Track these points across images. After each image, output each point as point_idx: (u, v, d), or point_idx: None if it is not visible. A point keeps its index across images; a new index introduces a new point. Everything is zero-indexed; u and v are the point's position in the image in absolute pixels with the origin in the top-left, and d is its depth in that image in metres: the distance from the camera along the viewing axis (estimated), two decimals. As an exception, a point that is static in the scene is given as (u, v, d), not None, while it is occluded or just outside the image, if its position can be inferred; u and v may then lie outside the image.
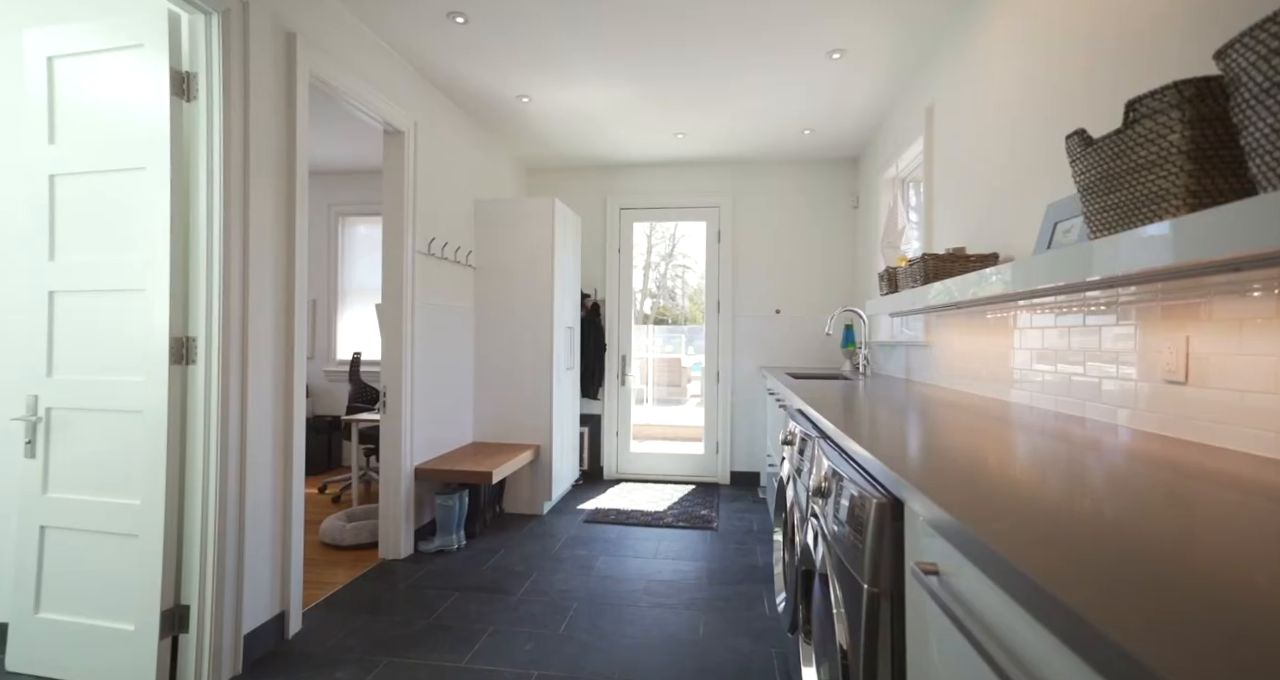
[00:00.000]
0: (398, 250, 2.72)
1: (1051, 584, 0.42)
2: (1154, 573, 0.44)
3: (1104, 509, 0.62)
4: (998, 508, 0.62)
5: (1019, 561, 0.47)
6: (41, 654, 1.80)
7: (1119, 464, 0.86)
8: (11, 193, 1.94)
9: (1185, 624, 0.36)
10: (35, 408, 1.82)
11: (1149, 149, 0.83)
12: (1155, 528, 0.56)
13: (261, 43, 1.86)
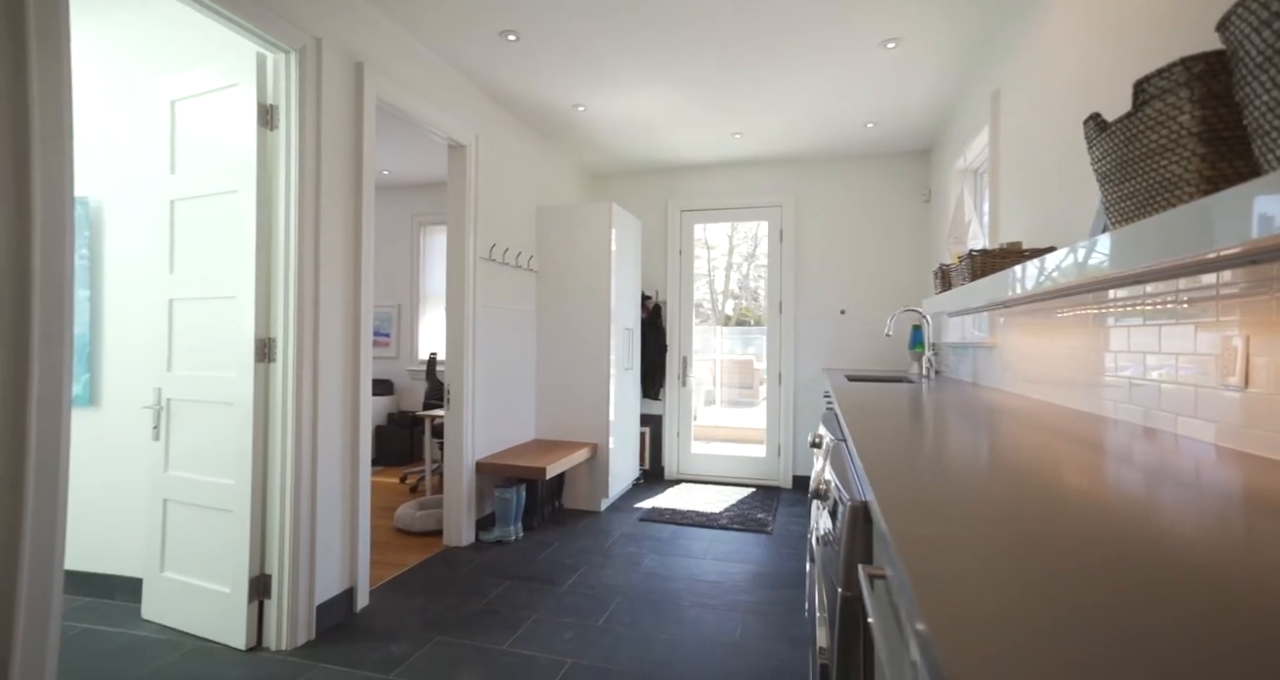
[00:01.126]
0: (460, 257, 2.90)
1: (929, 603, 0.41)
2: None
3: (1114, 534, 0.58)
4: (947, 515, 0.60)
5: (910, 570, 0.46)
6: (165, 607, 2.11)
7: (1179, 477, 0.79)
8: (144, 217, 2.28)
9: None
10: (159, 398, 2.14)
11: (1160, 132, 0.76)
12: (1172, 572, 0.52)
13: (333, 74, 2.07)
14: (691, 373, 4.37)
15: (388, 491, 3.97)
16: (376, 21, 2.29)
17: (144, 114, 2.26)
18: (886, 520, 0.58)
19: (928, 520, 0.58)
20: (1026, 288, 1.02)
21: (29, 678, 1.30)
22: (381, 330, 5.21)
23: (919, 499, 0.66)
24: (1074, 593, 0.41)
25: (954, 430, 1.17)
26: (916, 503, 0.64)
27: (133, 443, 2.28)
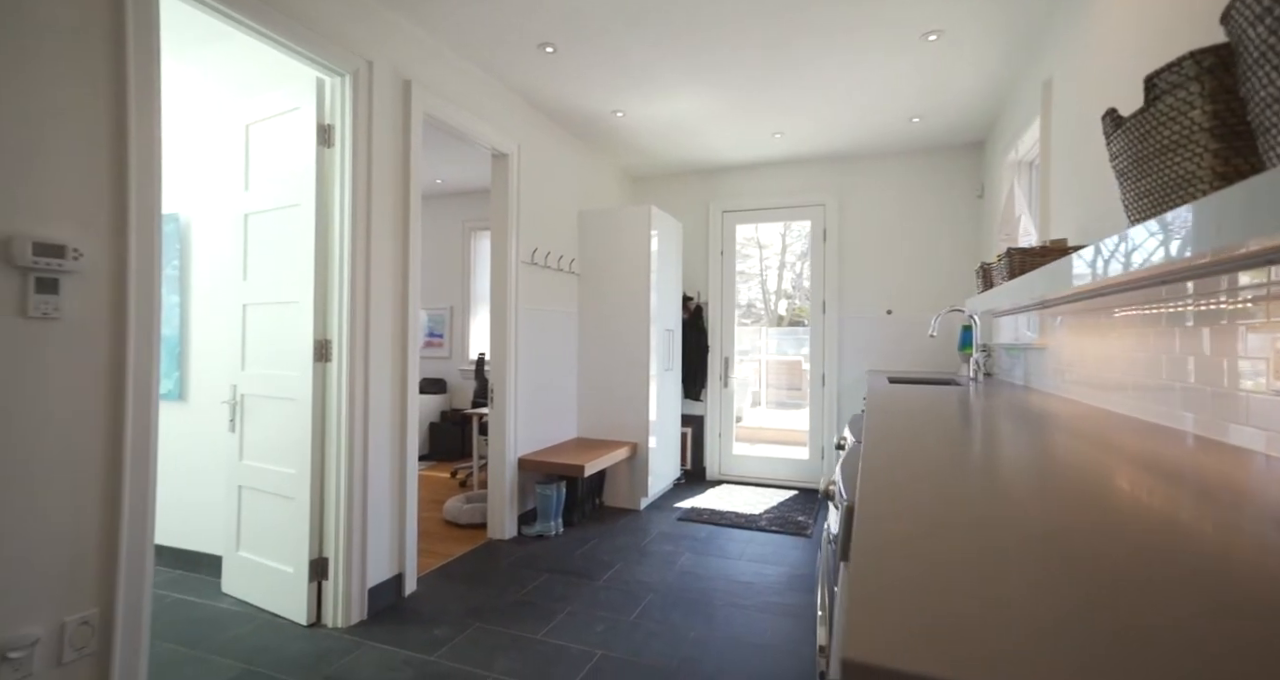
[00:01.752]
0: (503, 261, 3.02)
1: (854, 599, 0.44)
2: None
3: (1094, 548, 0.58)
4: (921, 515, 0.61)
5: (860, 571, 0.48)
6: (241, 583, 2.32)
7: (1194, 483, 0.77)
8: (222, 230, 2.50)
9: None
10: (234, 394, 2.35)
11: (1172, 128, 0.74)
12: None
13: (383, 93, 2.21)
14: (734, 373, 4.36)
15: (438, 485, 4.16)
16: (422, 40, 2.42)
17: (224, 137, 2.48)
18: (856, 517, 0.60)
19: (898, 519, 0.59)
20: (1058, 287, 0.99)
21: (129, 633, 1.47)
22: (435, 331, 5.46)
23: (898, 498, 0.67)
24: (1021, 604, 0.43)
25: (973, 434, 1.15)
26: (893, 501, 0.65)
27: (215, 434, 2.50)
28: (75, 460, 1.38)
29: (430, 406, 5.16)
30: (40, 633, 1.34)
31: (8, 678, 1.29)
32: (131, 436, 1.47)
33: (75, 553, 1.39)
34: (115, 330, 1.44)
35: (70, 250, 1.34)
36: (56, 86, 1.33)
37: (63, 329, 1.35)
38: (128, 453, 1.46)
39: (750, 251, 7.35)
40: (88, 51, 1.38)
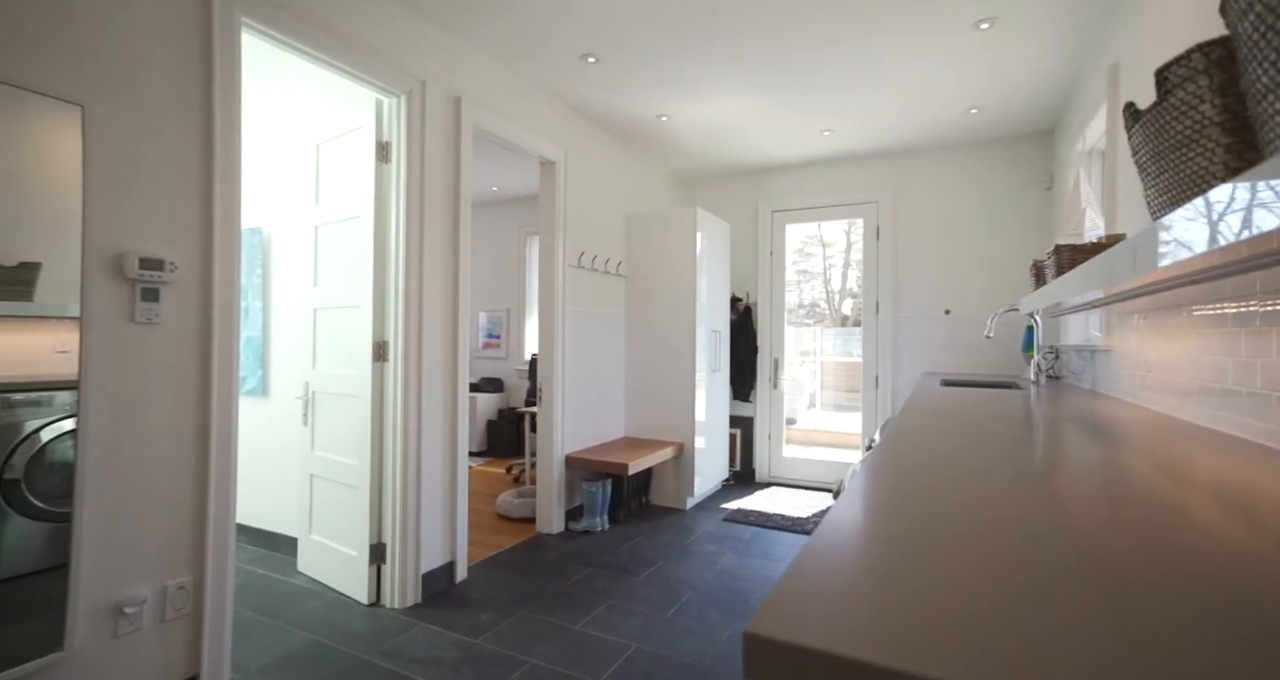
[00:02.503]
0: (550, 265, 3.14)
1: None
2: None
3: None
4: (889, 517, 0.63)
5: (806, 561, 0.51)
6: (313, 563, 2.53)
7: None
8: (297, 240, 2.75)
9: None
10: (307, 390, 2.57)
11: (1185, 122, 0.71)
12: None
13: (434, 110, 2.36)
14: (783, 375, 4.31)
15: (494, 480, 4.35)
16: (470, 57, 2.56)
17: (299, 156, 2.72)
18: (827, 516, 0.62)
19: (871, 519, 0.61)
20: (1091, 286, 0.96)
21: (216, 598, 1.66)
22: (493, 332, 5.69)
23: (877, 501, 0.68)
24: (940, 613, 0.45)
25: (997, 439, 1.12)
26: (864, 501, 0.67)
27: (292, 427, 2.75)
28: (173, 446, 1.58)
29: (488, 405, 5.38)
30: (148, 594, 1.53)
31: (124, 629, 1.49)
32: (216, 426, 1.66)
33: (173, 526, 1.59)
34: (202, 332, 1.63)
35: (168, 263, 1.54)
36: (157, 121, 1.52)
37: (162, 332, 1.55)
38: (214, 440, 1.65)
39: (814, 250, 7.20)
40: (183, 88, 1.58)
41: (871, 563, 0.49)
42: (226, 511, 1.69)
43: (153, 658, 1.55)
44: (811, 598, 0.42)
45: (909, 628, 0.38)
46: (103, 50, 1.43)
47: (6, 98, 1.29)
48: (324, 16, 1.94)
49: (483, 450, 5.33)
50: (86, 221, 1.40)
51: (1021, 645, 0.36)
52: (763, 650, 0.37)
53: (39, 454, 1.39)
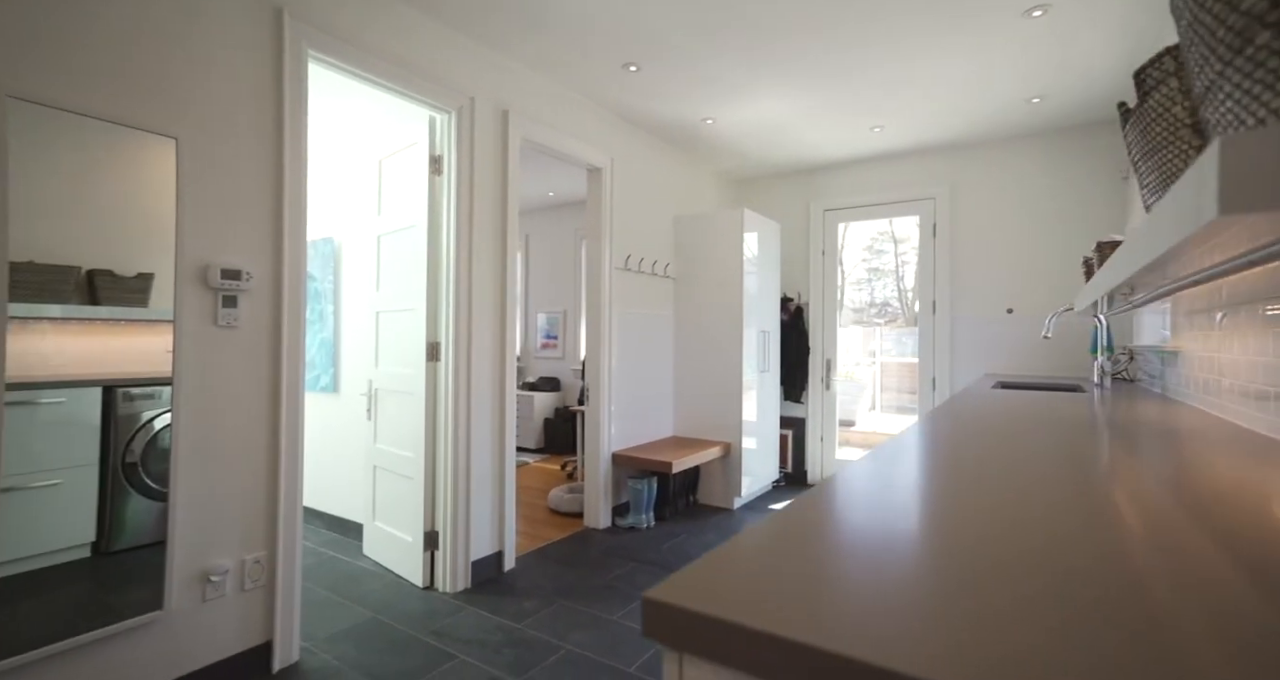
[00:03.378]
0: (597, 268, 3.24)
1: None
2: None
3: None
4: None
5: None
6: (376, 548, 2.75)
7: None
8: (362, 249, 2.99)
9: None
10: (370, 388, 2.79)
11: (1161, 125, 0.69)
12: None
13: (483, 124, 2.51)
14: (836, 376, 4.22)
15: (549, 476, 4.52)
16: (516, 72, 2.70)
17: (364, 171, 2.96)
18: (784, 512, 0.66)
19: (793, 519, 0.65)
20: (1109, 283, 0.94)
21: (286, 572, 1.86)
22: (551, 333, 5.89)
23: (813, 501, 0.72)
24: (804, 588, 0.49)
25: (994, 442, 1.10)
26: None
27: (359, 421, 3.00)
28: (249, 435, 1.79)
29: (545, 403, 5.58)
30: (230, 565, 1.75)
31: (211, 595, 1.71)
32: (285, 419, 1.86)
33: (249, 507, 1.80)
34: (273, 335, 1.84)
35: (244, 273, 1.74)
36: (236, 147, 1.73)
37: (239, 335, 1.76)
38: (283, 432, 1.85)
39: (885, 246, 6.96)
40: (258, 118, 1.78)
41: (771, 551, 0.53)
42: (295, 496, 1.89)
43: (233, 622, 1.76)
44: (706, 575, 0.47)
45: (771, 601, 0.42)
46: (193, 89, 1.65)
47: (118, 134, 1.51)
48: (379, 43, 2.12)
49: (540, 447, 5.53)
50: (179, 237, 1.62)
51: (844, 613, 0.39)
52: (654, 610, 0.43)
53: (152, 441, 1.62)
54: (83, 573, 1.49)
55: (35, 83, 1.38)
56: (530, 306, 6.08)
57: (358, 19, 2.05)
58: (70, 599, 1.47)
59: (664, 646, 0.43)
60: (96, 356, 1.50)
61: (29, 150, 1.38)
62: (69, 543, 1.47)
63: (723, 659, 0.39)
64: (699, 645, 0.40)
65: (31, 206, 1.38)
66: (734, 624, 0.39)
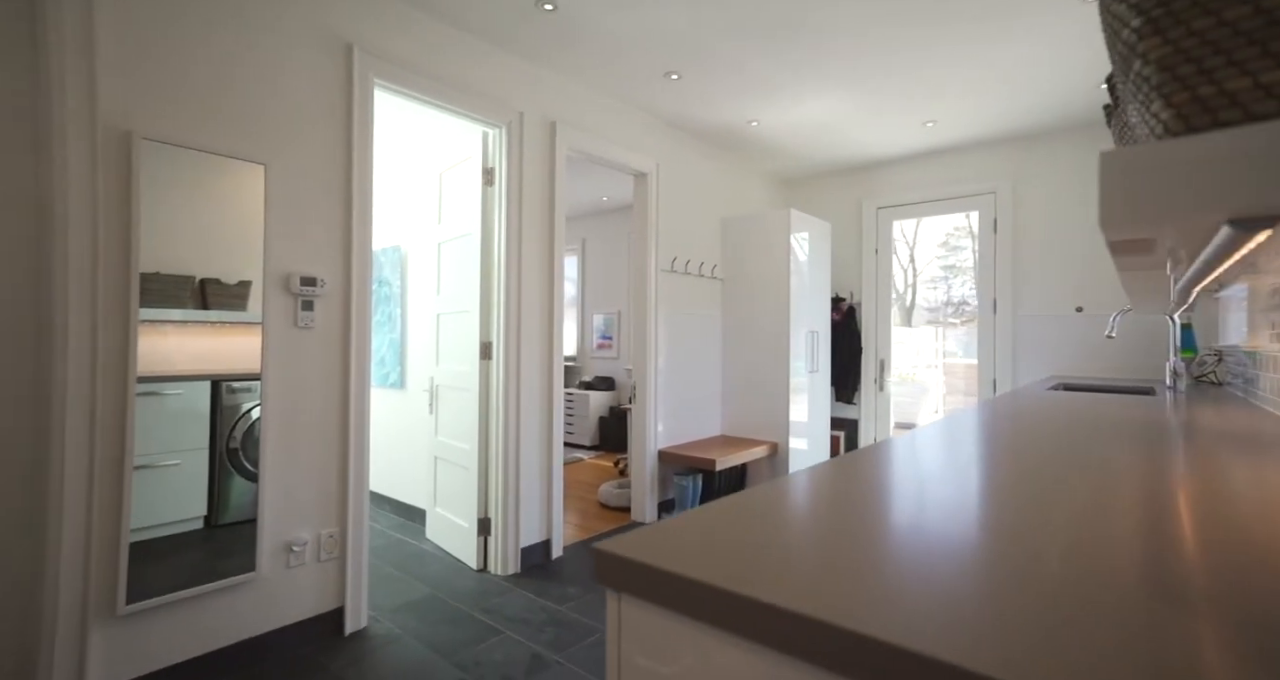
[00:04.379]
0: (643, 270, 3.35)
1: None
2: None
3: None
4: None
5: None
6: (437, 532, 2.98)
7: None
8: (425, 255, 3.24)
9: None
10: (432, 384, 3.02)
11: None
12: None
13: (532, 136, 2.67)
14: (891, 377, 4.12)
15: (602, 472, 4.67)
16: (562, 86, 2.84)
17: (427, 183, 3.20)
18: (761, 493, 0.73)
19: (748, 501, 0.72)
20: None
21: (355, 547, 2.07)
22: (606, 334, 6.06)
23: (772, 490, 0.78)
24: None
25: (1002, 442, 1.11)
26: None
27: (423, 415, 3.24)
28: (323, 424, 2.01)
29: (600, 402, 5.75)
30: (308, 538, 1.97)
31: (293, 563, 1.93)
32: (354, 410, 2.07)
33: (323, 487, 2.02)
34: (343, 335, 2.05)
35: (319, 280, 1.97)
36: (312, 169, 1.96)
37: (315, 335, 1.98)
38: (351, 422, 2.07)
39: (962, 242, 6.69)
40: (331, 142, 2.00)
41: (708, 521, 0.61)
42: (362, 479, 2.10)
43: (312, 587, 1.99)
44: (646, 536, 0.56)
45: (690, 556, 0.50)
46: (278, 121, 1.88)
47: (219, 162, 1.76)
48: (435, 66, 2.32)
49: (595, 444, 5.70)
50: (266, 249, 1.85)
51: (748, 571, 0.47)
52: (603, 559, 0.52)
53: (249, 429, 1.86)
54: (197, 540, 1.74)
55: (159, 126, 1.63)
56: (586, 308, 6.27)
57: (416, 46, 2.25)
58: (189, 560, 1.72)
59: (608, 588, 0.52)
60: (206, 354, 1.75)
61: (152, 179, 1.63)
62: (188, 515, 1.72)
63: (648, 596, 0.48)
64: (632, 586, 0.49)
65: (156, 225, 1.64)
66: (653, 567, 0.47)
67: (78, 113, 1.49)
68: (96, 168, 1.53)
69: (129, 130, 1.58)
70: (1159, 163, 0.44)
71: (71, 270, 1.49)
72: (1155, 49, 0.44)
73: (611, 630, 0.51)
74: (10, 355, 1.47)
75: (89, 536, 1.53)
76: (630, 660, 0.49)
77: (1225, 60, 0.41)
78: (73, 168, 1.49)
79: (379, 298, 3.58)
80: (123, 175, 1.58)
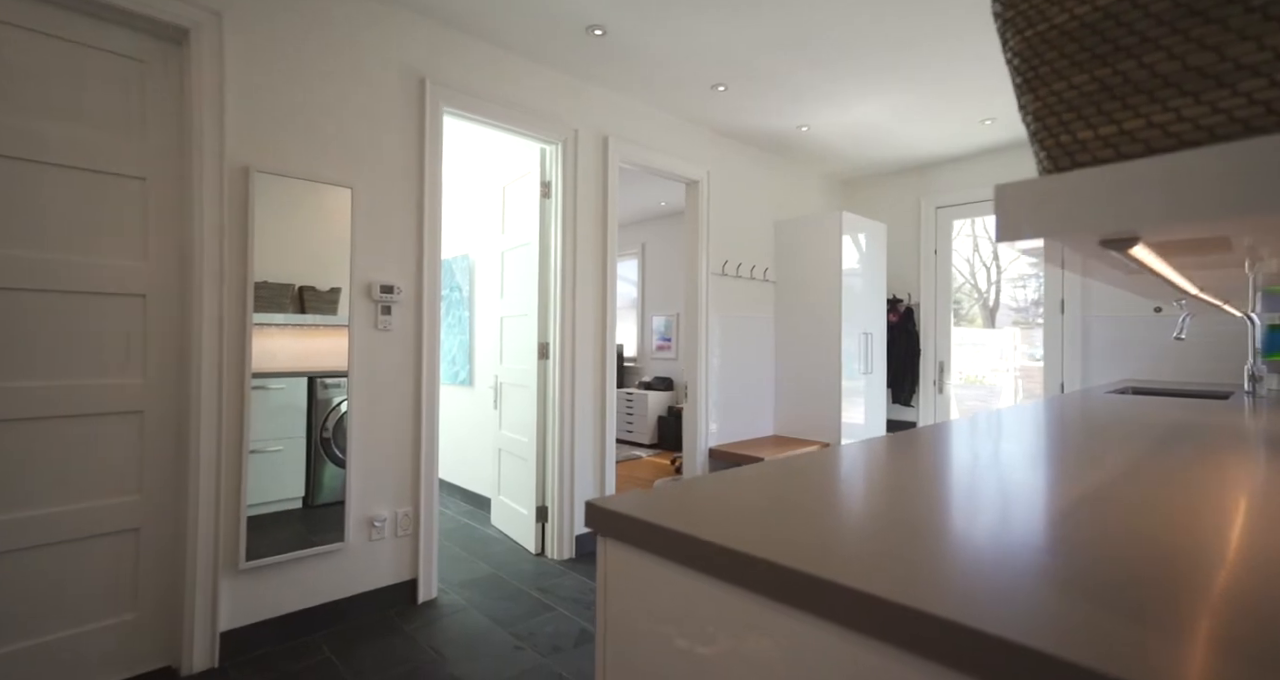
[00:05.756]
0: (694, 274, 3.47)
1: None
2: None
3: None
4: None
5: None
6: (500, 518, 3.23)
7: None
8: (489, 263, 3.51)
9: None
10: (496, 382, 3.28)
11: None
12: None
13: (586, 150, 2.86)
14: (949, 378, 4.02)
15: (659, 469, 4.82)
16: (613, 101, 3.01)
17: (492, 196, 3.47)
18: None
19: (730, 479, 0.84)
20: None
21: (426, 526, 2.32)
22: (665, 336, 6.21)
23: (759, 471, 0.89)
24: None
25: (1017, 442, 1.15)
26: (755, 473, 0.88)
27: (488, 410, 3.51)
28: (399, 416, 2.27)
29: (659, 402, 5.90)
30: (387, 515, 2.24)
31: (375, 537, 2.20)
32: (425, 404, 2.32)
33: (399, 472, 2.28)
34: (416, 337, 2.31)
35: (396, 288, 2.23)
36: (389, 190, 2.23)
37: (392, 337, 2.25)
38: (423, 414, 2.32)
39: None
40: (405, 165, 2.27)
41: (682, 486, 0.74)
42: (432, 464, 2.35)
43: (390, 559, 2.25)
44: (627, 498, 0.70)
45: (656, 508, 0.64)
46: (362, 148, 2.16)
47: (312, 188, 2.04)
48: (496, 91, 2.54)
49: (653, 443, 5.86)
50: (352, 260, 2.13)
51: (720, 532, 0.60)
52: (591, 510, 0.67)
53: (339, 421, 2.14)
54: (296, 518, 2.03)
55: (269, 159, 1.94)
56: (646, 310, 6.45)
57: (479, 74, 2.49)
58: (291, 532, 2.01)
59: (597, 532, 0.66)
60: (303, 353, 2.04)
61: (262, 202, 1.93)
62: (290, 495, 2.02)
63: (623, 538, 0.62)
64: (612, 531, 0.63)
65: (264, 241, 1.94)
66: (625, 515, 0.61)
67: (211, 154, 1.81)
68: (223, 197, 1.84)
69: (247, 165, 1.89)
70: (1035, 195, 0.53)
71: (206, 282, 1.81)
72: (1030, 103, 0.54)
73: (600, 562, 0.65)
74: (164, 355, 1.80)
75: (218, 505, 1.84)
76: (613, 582, 0.64)
77: (1076, 115, 0.50)
78: (207, 198, 1.80)
79: (450, 302, 3.90)
80: (241, 202, 1.89)
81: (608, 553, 0.64)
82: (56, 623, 1.62)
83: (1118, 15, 0.47)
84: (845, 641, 0.47)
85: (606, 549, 0.65)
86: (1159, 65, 0.45)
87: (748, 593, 0.53)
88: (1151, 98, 0.46)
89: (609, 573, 0.64)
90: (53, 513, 1.61)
